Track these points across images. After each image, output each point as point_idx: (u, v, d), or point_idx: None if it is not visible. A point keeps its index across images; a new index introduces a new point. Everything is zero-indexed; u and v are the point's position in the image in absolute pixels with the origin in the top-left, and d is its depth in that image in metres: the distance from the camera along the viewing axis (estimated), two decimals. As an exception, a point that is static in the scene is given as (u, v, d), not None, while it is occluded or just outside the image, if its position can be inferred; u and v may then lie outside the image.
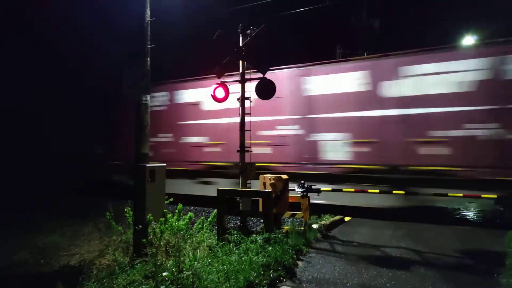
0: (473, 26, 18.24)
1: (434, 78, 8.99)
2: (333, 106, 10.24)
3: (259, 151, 10.83)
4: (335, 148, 10.17)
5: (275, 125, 11.09)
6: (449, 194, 8.41)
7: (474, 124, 8.54)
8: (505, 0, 15.90)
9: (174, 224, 6.31)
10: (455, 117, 8.71)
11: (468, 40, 18.87)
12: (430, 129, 8.97)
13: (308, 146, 10.56)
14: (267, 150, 11.10)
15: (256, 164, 8.24)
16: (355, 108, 9.93)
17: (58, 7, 18.24)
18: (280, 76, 10.84)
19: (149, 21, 6.77)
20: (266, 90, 7.79)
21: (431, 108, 9.01)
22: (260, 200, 7.11)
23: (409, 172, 9.12)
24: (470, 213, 10.30)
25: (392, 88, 9.47)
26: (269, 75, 8.06)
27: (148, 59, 6.81)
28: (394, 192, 9.10)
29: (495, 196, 8.16)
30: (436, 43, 9.95)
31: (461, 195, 8.35)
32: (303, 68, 10.90)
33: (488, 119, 8.40)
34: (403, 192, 9.01)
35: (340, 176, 10.04)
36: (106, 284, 4.83)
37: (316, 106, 10.49)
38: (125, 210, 6.90)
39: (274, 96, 7.93)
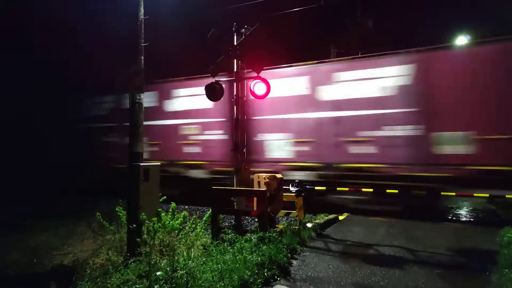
0: (467, 26, 18.38)
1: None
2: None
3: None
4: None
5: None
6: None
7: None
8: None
9: (168, 223, 6.29)
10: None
11: (462, 39, 19.04)
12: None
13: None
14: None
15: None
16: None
17: (49, 6, 18.08)
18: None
19: (142, 20, 6.75)
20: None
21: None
22: (255, 199, 7.12)
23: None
24: (463, 212, 10.41)
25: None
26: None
27: (142, 57, 6.78)
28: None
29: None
30: (429, 42, 10.13)
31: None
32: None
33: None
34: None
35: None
36: (99, 284, 4.80)
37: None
38: (117, 209, 6.88)
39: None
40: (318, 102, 10.46)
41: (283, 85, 10.93)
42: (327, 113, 10.33)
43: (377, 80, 9.71)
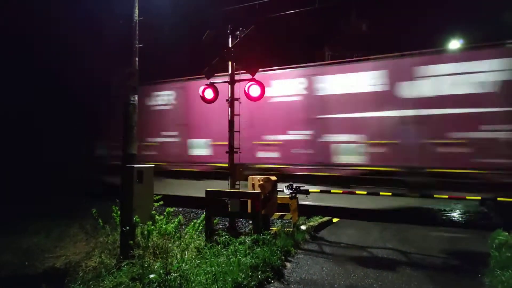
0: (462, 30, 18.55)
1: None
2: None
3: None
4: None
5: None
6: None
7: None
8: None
9: (162, 226, 6.27)
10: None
11: (454, 43, 19.21)
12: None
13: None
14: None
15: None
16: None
17: (42, 6, 17.93)
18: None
19: (137, 21, 6.73)
20: (256, 91, 7.84)
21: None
22: (249, 201, 7.11)
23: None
24: (456, 214, 10.49)
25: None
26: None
27: (137, 58, 6.76)
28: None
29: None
30: (423, 44, 10.26)
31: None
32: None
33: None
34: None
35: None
36: (92, 287, 4.77)
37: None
38: (112, 210, 6.83)
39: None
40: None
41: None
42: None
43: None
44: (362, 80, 10.08)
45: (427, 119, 9.29)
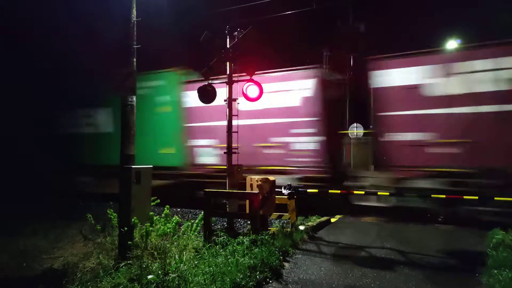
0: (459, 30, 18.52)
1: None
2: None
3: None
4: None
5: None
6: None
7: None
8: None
9: (160, 227, 6.26)
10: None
11: (452, 44, 19.23)
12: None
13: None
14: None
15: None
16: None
17: (41, 5, 17.88)
18: None
19: (135, 21, 6.71)
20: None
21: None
22: (247, 201, 7.12)
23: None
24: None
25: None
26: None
27: (135, 59, 6.74)
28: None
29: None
30: (421, 46, 10.28)
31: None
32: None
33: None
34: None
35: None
36: (90, 288, 4.76)
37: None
38: (108, 211, 6.82)
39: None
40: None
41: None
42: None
43: None
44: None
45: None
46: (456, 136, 8.96)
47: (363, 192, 9.38)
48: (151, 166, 6.80)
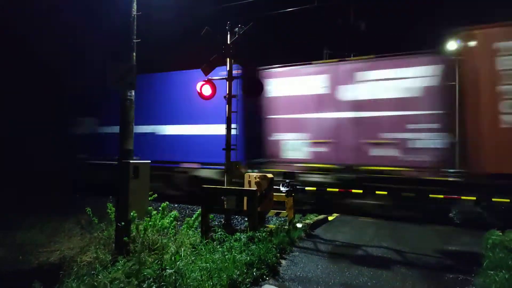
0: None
1: None
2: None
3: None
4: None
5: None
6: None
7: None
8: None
9: (157, 221, 6.25)
10: None
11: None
12: None
13: None
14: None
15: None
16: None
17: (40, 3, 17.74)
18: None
19: (135, 15, 6.68)
20: (255, 88, 7.84)
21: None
22: (245, 198, 7.12)
23: None
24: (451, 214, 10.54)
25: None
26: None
27: (134, 54, 6.72)
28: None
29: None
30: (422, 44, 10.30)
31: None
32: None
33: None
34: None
35: None
36: (86, 282, 4.74)
37: None
38: (107, 206, 6.81)
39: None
40: None
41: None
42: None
43: None
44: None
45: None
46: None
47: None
48: (149, 161, 6.79)
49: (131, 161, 6.41)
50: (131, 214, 6.00)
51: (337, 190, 9.55)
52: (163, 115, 12.63)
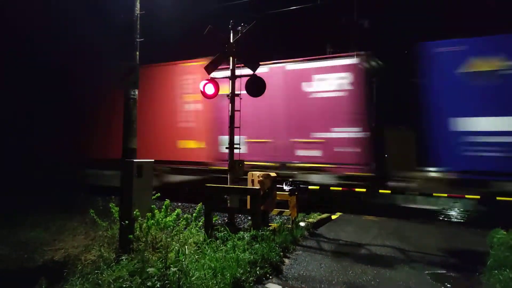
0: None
1: None
2: None
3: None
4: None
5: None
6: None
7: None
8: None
9: (161, 220, 6.27)
10: None
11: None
12: None
13: None
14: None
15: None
16: None
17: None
18: None
19: (138, 14, 6.69)
20: (257, 87, 7.78)
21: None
22: (248, 197, 7.12)
23: None
24: (454, 213, 10.51)
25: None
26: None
27: (138, 53, 6.73)
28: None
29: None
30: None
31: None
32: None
33: None
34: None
35: None
36: (91, 280, 4.77)
37: None
38: (110, 205, 6.83)
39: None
40: None
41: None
42: None
43: None
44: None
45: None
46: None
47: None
48: (153, 160, 6.81)
49: (134, 160, 6.43)
50: (135, 212, 6.02)
51: (340, 189, 9.57)
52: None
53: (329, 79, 10.26)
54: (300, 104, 10.60)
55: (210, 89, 8.02)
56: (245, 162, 9.12)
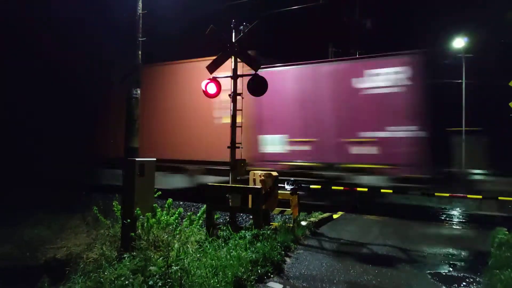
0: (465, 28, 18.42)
1: None
2: None
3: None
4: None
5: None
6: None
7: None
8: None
9: (163, 218, 6.29)
10: None
11: (459, 42, 19.10)
12: None
13: None
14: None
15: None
16: None
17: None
18: None
19: (141, 14, 6.72)
20: (259, 87, 7.78)
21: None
22: (250, 196, 7.13)
23: None
24: (456, 212, 10.49)
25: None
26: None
27: (140, 52, 6.75)
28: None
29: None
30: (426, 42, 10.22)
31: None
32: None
33: None
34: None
35: None
36: (93, 278, 4.79)
37: None
38: (113, 204, 6.86)
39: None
40: None
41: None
42: None
43: None
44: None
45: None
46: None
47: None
48: (155, 159, 6.83)
49: (136, 159, 6.46)
50: (136, 211, 6.04)
51: (342, 188, 9.56)
52: None
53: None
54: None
55: (212, 89, 8.01)
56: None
